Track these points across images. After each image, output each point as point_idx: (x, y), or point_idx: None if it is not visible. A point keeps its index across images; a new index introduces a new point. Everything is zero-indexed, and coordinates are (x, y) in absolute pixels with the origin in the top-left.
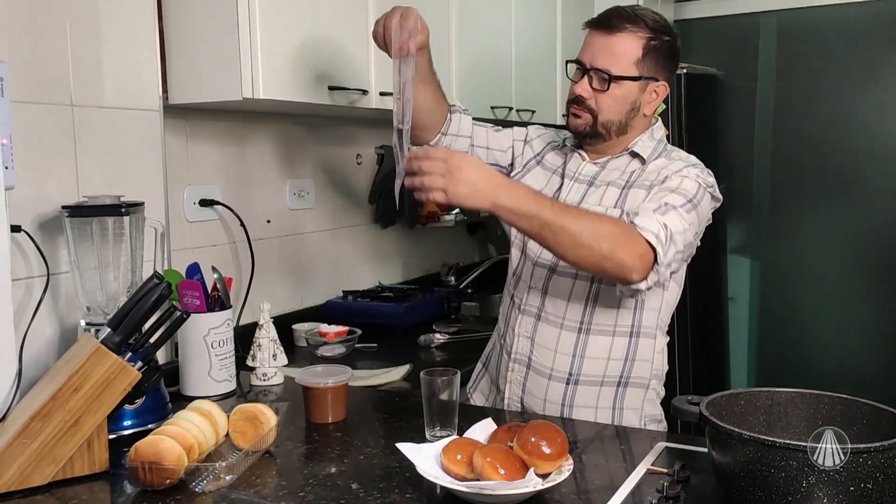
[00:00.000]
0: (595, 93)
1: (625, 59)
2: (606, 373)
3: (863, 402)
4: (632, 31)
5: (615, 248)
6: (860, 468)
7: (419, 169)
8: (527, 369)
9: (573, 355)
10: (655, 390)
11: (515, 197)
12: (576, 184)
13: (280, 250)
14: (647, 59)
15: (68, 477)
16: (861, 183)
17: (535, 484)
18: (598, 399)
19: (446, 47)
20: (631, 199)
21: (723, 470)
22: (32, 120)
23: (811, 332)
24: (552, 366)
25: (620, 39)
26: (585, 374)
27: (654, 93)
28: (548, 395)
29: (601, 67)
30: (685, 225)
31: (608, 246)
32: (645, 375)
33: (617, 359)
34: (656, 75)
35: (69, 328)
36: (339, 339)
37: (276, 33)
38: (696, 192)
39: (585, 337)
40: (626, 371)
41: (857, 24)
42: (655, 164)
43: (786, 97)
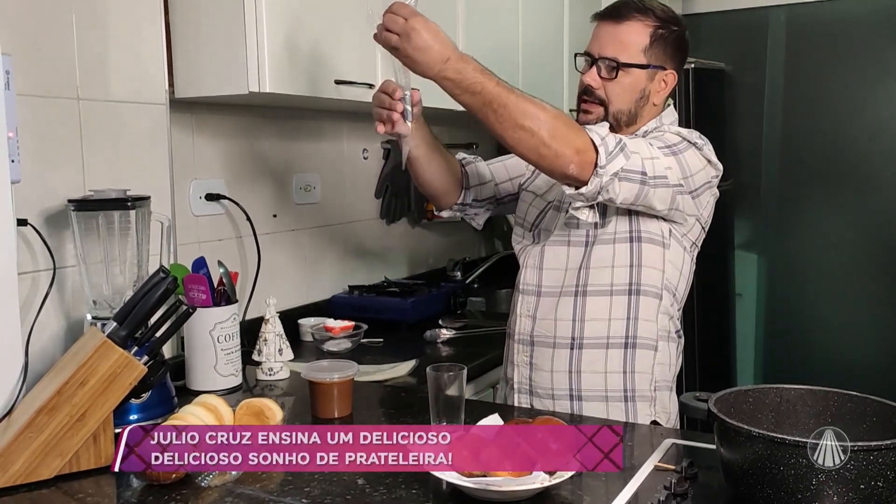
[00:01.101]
0: (604, 82)
1: (633, 47)
2: (610, 334)
3: (872, 399)
4: (639, 19)
5: (555, 137)
6: (870, 466)
7: (381, 18)
8: (531, 346)
9: (573, 319)
10: (666, 353)
11: (461, 70)
12: None
13: (286, 245)
14: (654, 46)
15: (74, 471)
16: (870, 179)
17: (542, 480)
18: (607, 363)
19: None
20: None
21: (731, 467)
22: (38, 113)
23: (819, 328)
24: (554, 334)
25: (628, 27)
26: (588, 336)
27: (662, 81)
28: (554, 364)
29: (609, 56)
30: (653, 153)
31: (548, 132)
32: (651, 336)
33: (618, 318)
34: (664, 64)
35: (75, 322)
36: (345, 334)
37: (282, 27)
38: (677, 142)
39: (583, 300)
40: (630, 331)
41: (867, 20)
42: None
43: (794, 92)
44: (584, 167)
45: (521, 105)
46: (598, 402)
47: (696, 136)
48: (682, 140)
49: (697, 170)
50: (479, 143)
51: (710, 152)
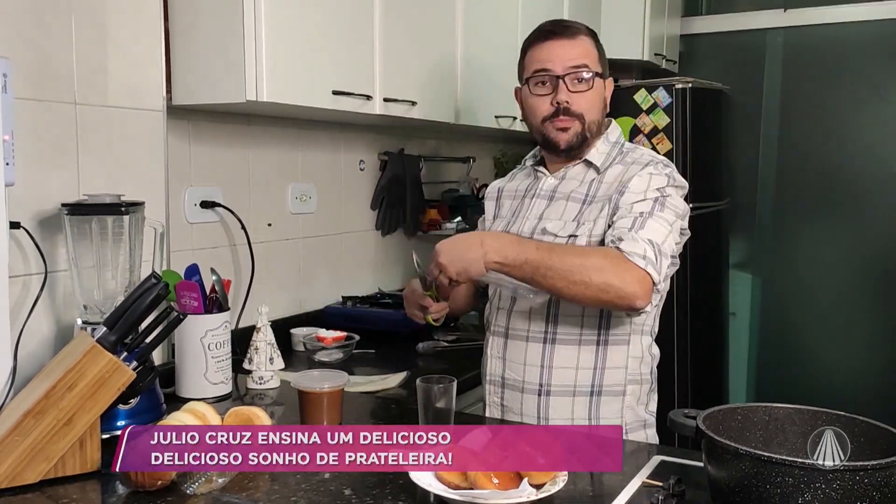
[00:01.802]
0: (576, 96)
1: (593, 58)
2: (577, 382)
3: (861, 420)
4: (584, 34)
5: (609, 280)
6: (857, 486)
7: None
8: (501, 388)
9: (541, 366)
10: (635, 395)
11: (499, 250)
12: (536, 199)
13: (280, 254)
14: (601, 57)
15: (60, 476)
16: (864, 201)
17: (529, 494)
18: (573, 410)
19: (452, 56)
20: (587, 213)
21: (718, 485)
22: (35, 117)
23: (811, 348)
24: (523, 378)
25: (582, 41)
26: (556, 384)
27: (608, 90)
28: (523, 408)
29: (579, 65)
30: (667, 228)
31: (601, 278)
32: (619, 382)
33: (585, 368)
34: (606, 74)
35: (66, 326)
36: (338, 345)
37: (281, 37)
38: (662, 188)
39: (552, 347)
40: (596, 380)
41: (863, 43)
42: (612, 172)
43: (791, 113)
44: (646, 294)
45: (565, 263)
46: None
47: (668, 170)
48: (666, 182)
49: (683, 206)
50: (476, 156)
51: (677, 176)
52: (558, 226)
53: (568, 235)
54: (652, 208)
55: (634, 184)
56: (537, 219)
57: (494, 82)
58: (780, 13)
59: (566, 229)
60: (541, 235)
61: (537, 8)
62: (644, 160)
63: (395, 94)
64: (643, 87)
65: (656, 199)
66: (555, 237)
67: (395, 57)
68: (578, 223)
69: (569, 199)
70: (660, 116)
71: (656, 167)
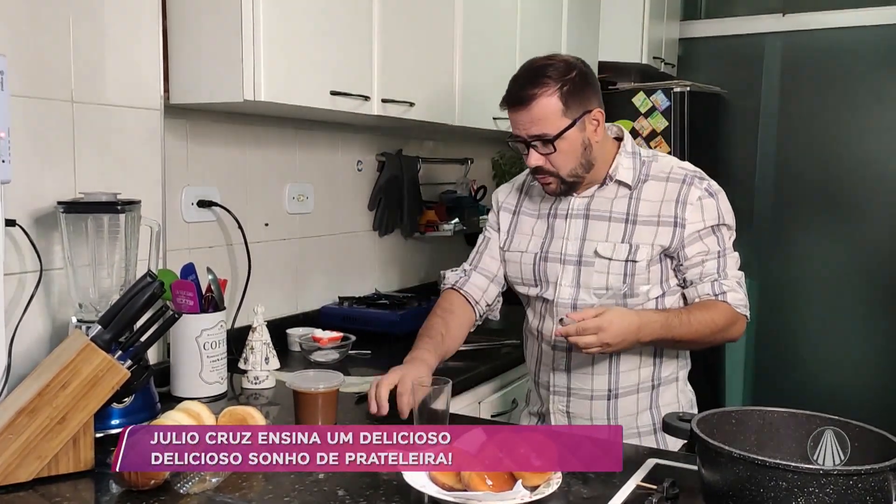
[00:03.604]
0: (546, 157)
1: (553, 118)
2: (640, 380)
3: (855, 425)
4: (542, 92)
5: (725, 335)
6: (850, 490)
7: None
8: (568, 397)
9: (608, 373)
10: (684, 380)
11: (652, 332)
12: (572, 220)
13: (277, 254)
14: (569, 104)
15: (53, 474)
16: (862, 205)
17: (523, 496)
18: (638, 405)
19: (450, 57)
20: (638, 235)
21: (712, 488)
22: (31, 114)
23: (808, 352)
24: (592, 388)
25: (538, 106)
26: (623, 386)
27: (594, 121)
28: (593, 413)
29: (538, 134)
30: (735, 257)
31: (722, 337)
32: (673, 371)
33: (647, 365)
34: (587, 108)
35: (60, 324)
36: (333, 345)
37: (279, 36)
38: (715, 212)
39: (617, 359)
40: (656, 374)
41: (862, 48)
42: (649, 189)
43: (789, 118)
44: (743, 331)
45: (697, 333)
46: None
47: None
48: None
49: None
50: (474, 157)
51: (713, 185)
52: (609, 248)
53: (625, 259)
54: (719, 242)
55: (690, 215)
56: (581, 240)
57: (493, 83)
58: (779, 18)
59: (619, 252)
60: (595, 257)
61: (536, 10)
62: (677, 176)
63: (393, 95)
64: (641, 91)
65: (715, 228)
66: (610, 260)
67: (394, 58)
68: (631, 245)
69: (610, 220)
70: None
71: (696, 185)
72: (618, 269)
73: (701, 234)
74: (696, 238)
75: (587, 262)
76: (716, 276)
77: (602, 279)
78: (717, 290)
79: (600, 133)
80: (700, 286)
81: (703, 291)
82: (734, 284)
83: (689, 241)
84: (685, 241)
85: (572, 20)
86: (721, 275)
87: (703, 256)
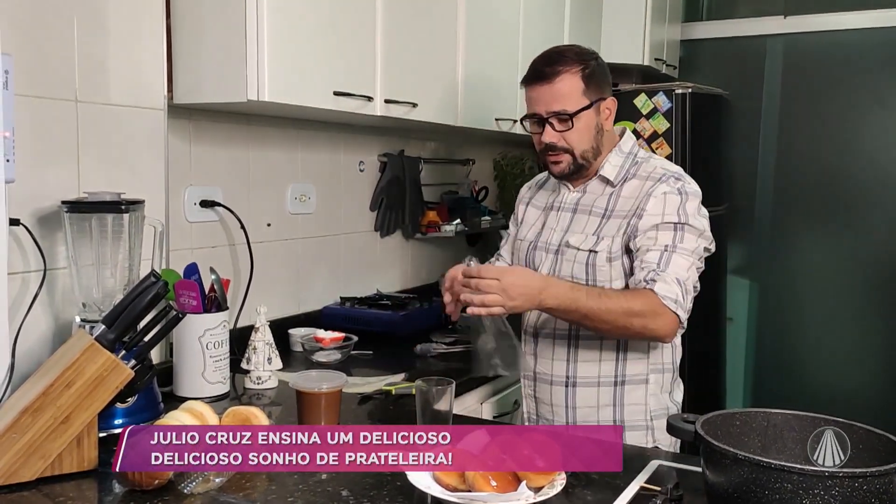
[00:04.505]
0: (562, 134)
1: (574, 95)
2: (601, 374)
3: (859, 427)
4: (567, 70)
5: (647, 325)
6: (855, 493)
7: (476, 288)
8: (534, 382)
9: (566, 360)
10: (658, 384)
11: (556, 296)
12: (562, 213)
13: (279, 254)
14: (589, 86)
15: (56, 473)
16: (862, 207)
17: (527, 497)
18: (598, 398)
19: (453, 58)
20: (607, 228)
21: (716, 490)
22: (36, 114)
23: (809, 354)
24: (551, 371)
25: (562, 81)
26: (581, 376)
27: (606, 110)
28: (553, 399)
29: (558, 110)
30: (689, 260)
31: (640, 324)
32: (642, 372)
33: (608, 360)
34: (602, 95)
35: (64, 324)
36: (335, 346)
37: (283, 36)
38: (678, 209)
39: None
40: (619, 370)
41: (863, 50)
42: (628, 186)
43: (790, 120)
44: (674, 332)
45: (610, 312)
46: None
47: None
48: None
49: (701, 223)
50: (476, 158)
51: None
52: (580, 239)
53: (588, 249)
54: (674, 239)
55: (651, 206)
56: (563, 231)
57: (495, 85)
58: (781, 20)
59: (587, 243)
60: (565, 248)
61: (539, 12)
62: (657, 175)
63: (395, 96)
64: (643, 92)
65: (675, 226)
66: (577, 250)
67: (397, 58)
68: (598, 237)
69: (590, 214)
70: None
71: (668, 182)
72: (582, 258)
73: (658, 227)
74: (651, 229)
75: (562, 251)
76: (654, 267)
77: (569, 268)
78: (647, 278)
79: (610, 123)
80: (636, 274)
81: (635, 279)
82: (669, 279)
83: (641, 230)
84: (638, 231)
85: (574, 22)
86: (659, 266)
87: (648, 246)
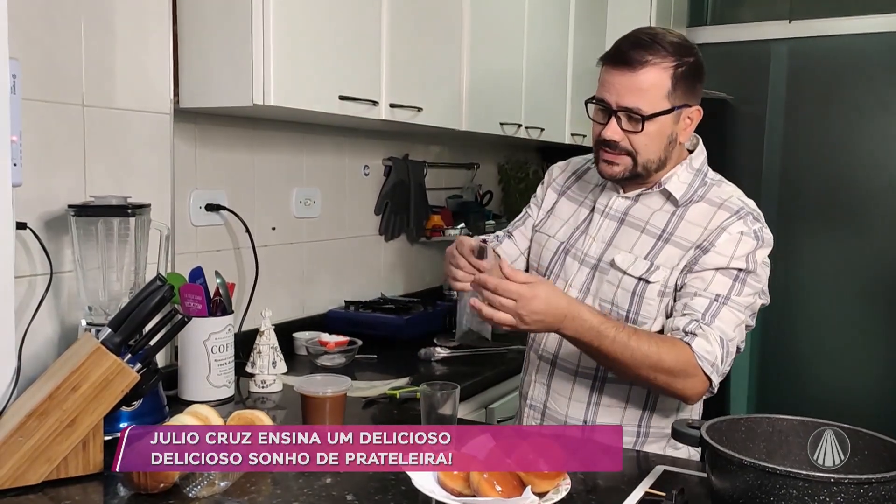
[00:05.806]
0: (627, 134)
1: (655, 94)
2: (623, 421)
3: (864, 433)
4: (656, 63)
5: (671, 383)
6: (861, 499)
7: (490, 301)
8: (542, 417)
9: (588, 402)
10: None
11: (577, 329)
12: (606, 220)
13: (284, 258)
14: (677, 88)
15: (62, 477)
16: (867, 212)
17: (532, 502)
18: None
19: (458, 63)
20: (664, 255)
21: (721, 496)
22: (43, 118)
23: (813, 360)
24: (566, 412)
25: (646, 75)
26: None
27: (687, 119)
28: None
29: (630, 107)
30: (740, 318)
31: (664, 380)
32: (667, 426)
33: (634, 408)
34: (688, 101)
35: (70, 327)
36: (340, 349)
37: (289, 41)
38: (748, 255)
39: (601, 385)
40: (643, 421)
41: (868, 55)
42: (695, 210)
43: (794, 124)
44: (700, 397)
45: (635, 358)
46: None
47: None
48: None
49: (764, 278)
50: (480, 163)
51: (766, 234)
52: (628, 260)
53: (638, 277)
54: (730, 289)
55: (722, 244)
56: (605, 244)
57: (500, 89)
58: (785, 24)
59: (637, 268)
60: (608, 266)
61: (543, 17)
62: (733, 206)
63: (401, 100)
64: None
65: (738, 274)
66: (624, 274)
67: (402, 63)
68: (652, 264)
69: (643, 232)
70: None
71: (747, 221)
72: (629, 285)
73: (719, 270)
74: (709, 271)
75: (603, 268)
76: (698, 317)
77: (610, 292)
78: (687, 328)
79: (687, 134)
80: (676, 320)
81: (674, 325)
82: (712, 336)
83: (699, 268)
84: (695, 267)
85: (579, 27)
86: (704, 319)
87: (698, 289)
